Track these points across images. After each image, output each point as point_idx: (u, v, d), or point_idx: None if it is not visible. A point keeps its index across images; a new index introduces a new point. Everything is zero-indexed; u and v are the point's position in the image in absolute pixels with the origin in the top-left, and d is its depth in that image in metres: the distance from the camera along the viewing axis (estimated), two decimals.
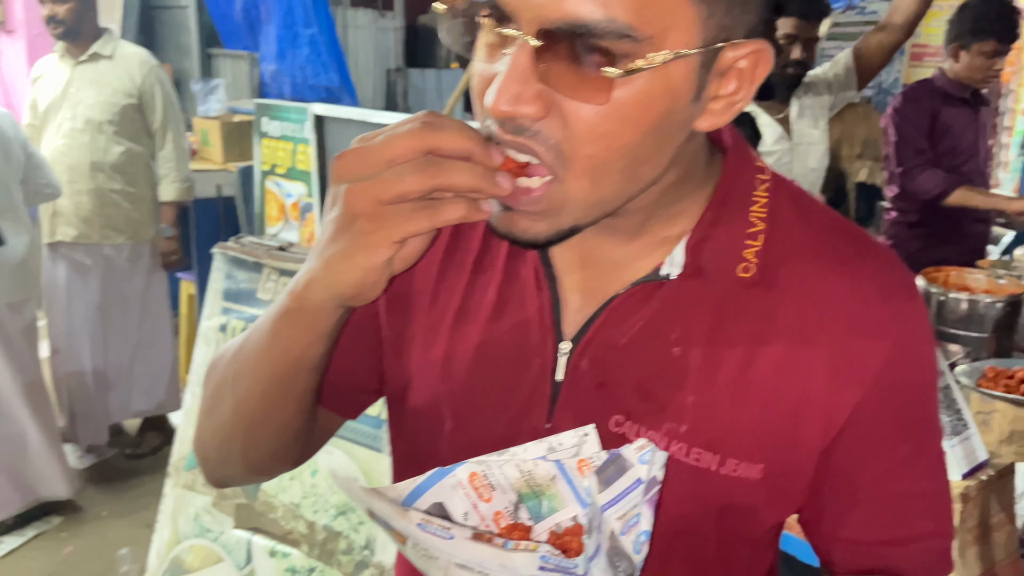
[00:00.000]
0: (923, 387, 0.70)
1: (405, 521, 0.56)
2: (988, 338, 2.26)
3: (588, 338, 0.68)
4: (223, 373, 0.73)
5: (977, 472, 1.40)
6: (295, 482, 1.68)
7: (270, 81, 4.36)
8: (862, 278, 0.66)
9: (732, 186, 0.68)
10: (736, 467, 0.65)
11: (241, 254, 1.88)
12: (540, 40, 0.54)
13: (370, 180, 0.56)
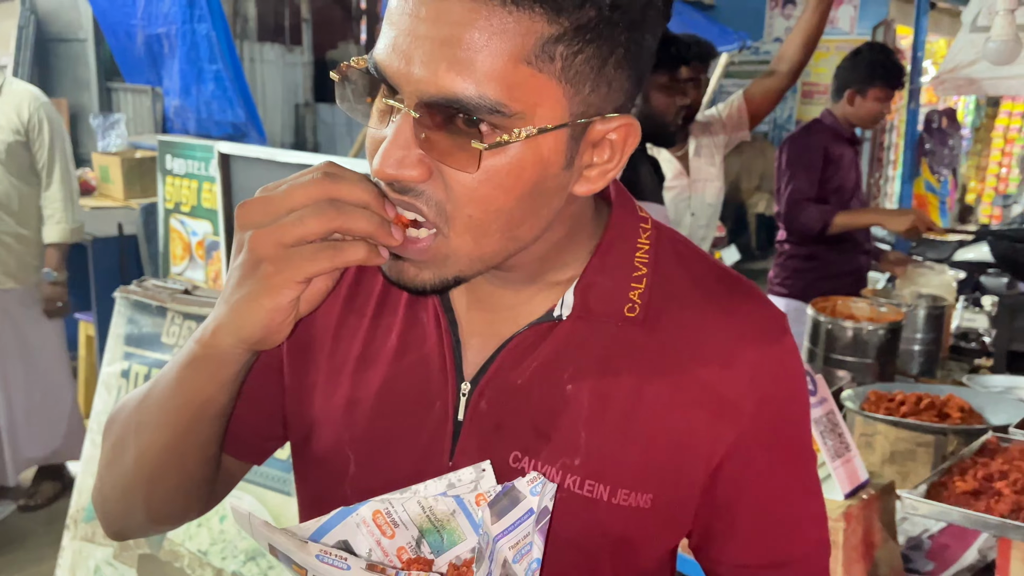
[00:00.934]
0: (796, 419, 0.76)
1: (304, 554, 0.58)
2: (872, 363, 2.40)
3: (487, 379, 0.72)
4: (125, 424, 0.74)
5: (859, 491, 1.49)
6: (203, 529, 1.65)
7: (174, 117, 4.28)
8: (737, 319, 0.72)
9: (617, 235, 0.73)
10: (627, 497, 0.70)
11: (144, 298, 1.84)
12: (419, 112, 0.59)
13: (272, 225, 0.59)
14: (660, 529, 0.73)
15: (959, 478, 1.53)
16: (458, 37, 0.57)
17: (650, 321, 0.71)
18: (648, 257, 0.73)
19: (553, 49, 0.58)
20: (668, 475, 0.71)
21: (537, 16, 0.57)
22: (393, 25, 0.60)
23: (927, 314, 2.59)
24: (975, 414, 1.95)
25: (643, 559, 0.75)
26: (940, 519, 1.48)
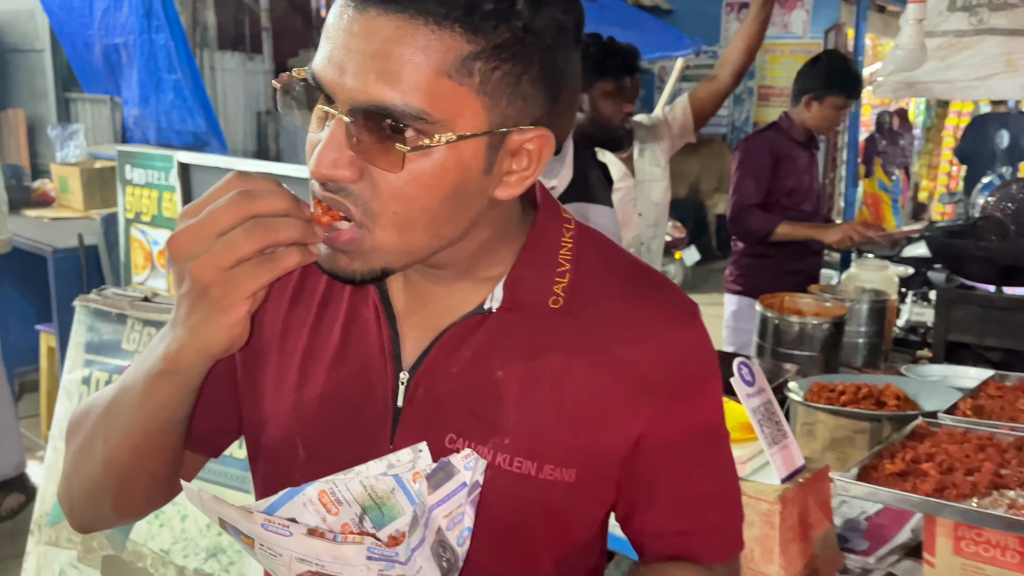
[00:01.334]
0: (706, 399, 0.83)
1: (250, 524, 0.63)
2: (817, 356, 2.50)
3: (423, 368, 0.78)
4: (91, 430, 0.79)
5: (796, 476, 1.57)
6: (164, 529, 1.68)
7: (133, 126, 4.28)
8: (652, 306, 0.80)
9: (542, 235, 0.80)
10: (553, 472, 0.76)
11: (104, 306, 1.88)
12: (351, 117, 0.65)
13: (208, 253, 0.64)
14: (586, 502, 0.80)
15: (888, 461, 1.62)
16: (387, 51, 0.63)
17: (573, 311, 0.78)
18: (571, 254, 0.80)
19: (472, 65, 0.65)
20: (591, 451, 0.78)
21: (457, 35, 0.64)
22: (329, 39, 0.66)
23: (870, 308, 2.70)
24: (910, 402, 2.05)
25: (573, 531, 0.82)
26: (870, 499, 1.56)
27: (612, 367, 0.77)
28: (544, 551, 0.80)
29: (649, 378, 0.78)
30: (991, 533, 1.42)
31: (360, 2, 0.64)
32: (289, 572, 0.65)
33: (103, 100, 5.31)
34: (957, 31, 2.85)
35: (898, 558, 1.66)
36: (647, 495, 0.82)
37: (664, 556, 0.85)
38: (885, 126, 8.53)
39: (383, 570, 0.64)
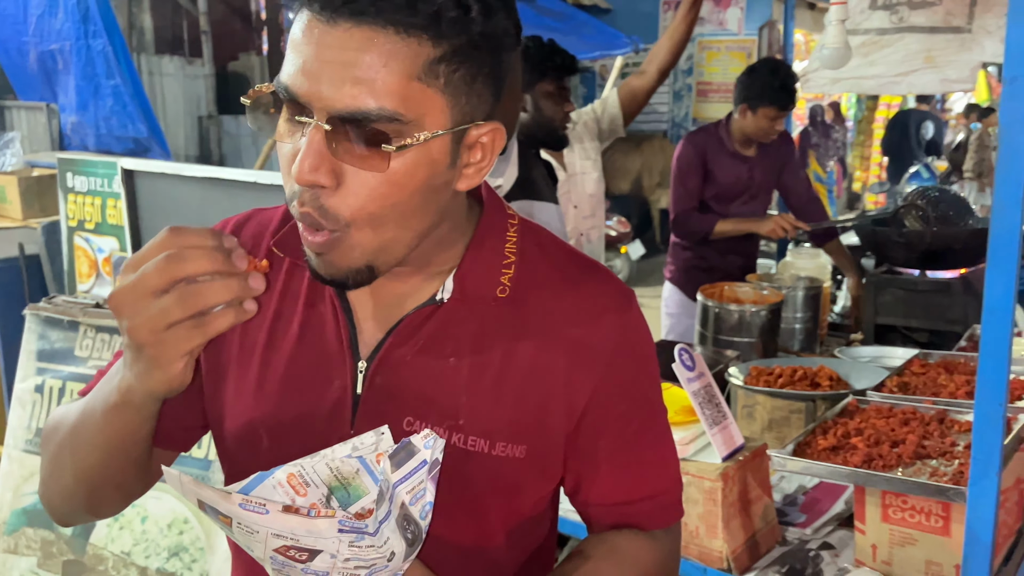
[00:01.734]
0: (643, 376, 0.90)
1: (228, 504, 0.67)
2: (756, 342, 2.60)
3: (380, 357, 0.83)
4: (60, 445, 0.84)
5: (736, 455, 1.66)
6: (125, 531, 1.69)
7: (71, 133, 4.21)
8: (588, 294, 0.86)
9: (488, 230, 0.86)
10: (504, 448, 0.82)
11: (55, 314, 1.88)
12: (330, 125, 0.69)
13: (141, 317, 0.67)
14: (536, 476, 0.86)
15: (822, 437, 1.72)
16: (360, 60, 0.68)
17: (518, 300, 0.84)
18: (515, 247, 0.86)
19: (437, 68, 0.70)
20: (538, 428, 0.84)
21: (424, 41, 0.69)
22: (299, 53, 0.70)
23: (804, 295, 2.82)
24: (842, 381, 2.16)
25: (524, 504, 0.87)
26: (805, 473, 1.66)
27: (554, 349, 0.83)
28: (497, 522, 0.86)
29: (588, 357, 0.84)
30: (916, 500, 1.52)
31: (330, 16, 0.68)
32: (266, 548, 0.69)
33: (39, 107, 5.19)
34: (879, 29, 2.98)
35: (832, 528, 1.76)
36: (591, 467, 0.88)
37: (609, 525, 0.92)
38: (818, 119, 8.79)
39: (353, 542, 0.68)
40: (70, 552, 1.78)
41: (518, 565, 0.90)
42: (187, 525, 1.61)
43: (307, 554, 0.68)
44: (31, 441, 1.92)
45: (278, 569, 0.71)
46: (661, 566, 0.92)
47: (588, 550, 0.90)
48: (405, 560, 0.72)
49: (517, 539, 0.89)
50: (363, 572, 0.70)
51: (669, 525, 0.95)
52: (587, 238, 2.72)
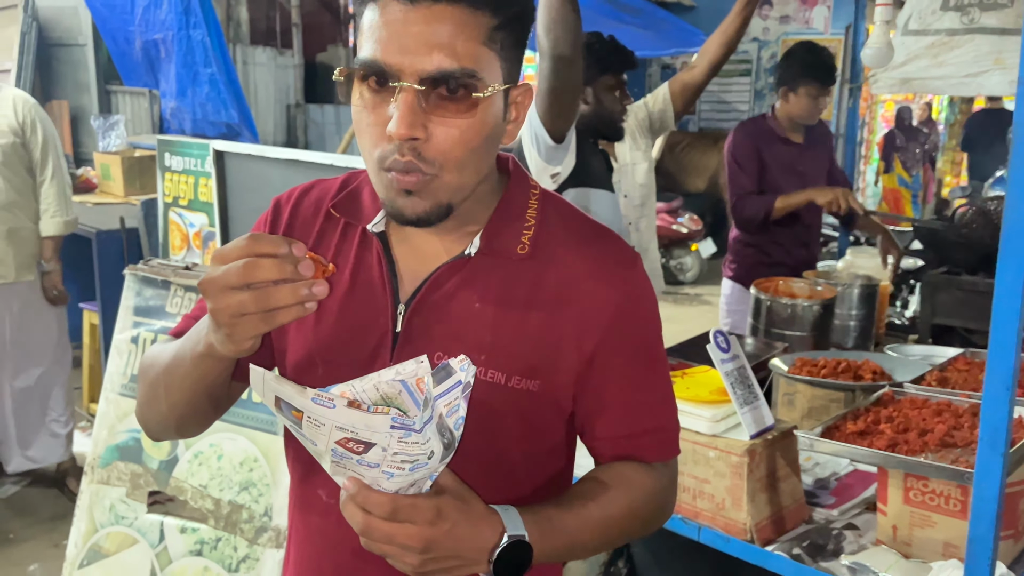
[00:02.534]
0: (646, 328, 1.02)
1: (302, 398, 0.78)
2: (807, 336, 2.64)
3: (417, 301, 0.97)
4: (154, 380, 1.01)
5: (764, 434, 1.74)
6: (203, 467, 1.89)
7: (171, 118, 4.51)
8: (598, 253, 0.99)
9: (512, 196, 1.00)
10: (519, 382, 0.95)
11: (151, 274, 2.09)
12: (422, 85, 0.85)
13: (223, 304, 0.81)
14: (547, 408, 0.98)
15: (851, 422, 1.78)
16: (441, 31, 0.84)
17: (536, 256, 0.97)
18: (536, 212, 1.00)
19: (496, 34, 0.87)
20: (550, 366, 0.96)
21: (487, 13, 0.86)
22: (385, 30, 0.85)
23: (860, 293, 2.84)
24: (886, 375, 2.20)
25: (538, 433, 1.00)
26: (829, 453, 1.72)
27: (567, 300, 0.96)
28: (514, 444, 0.99)
29: (597, 307, 0.96)
30: (936, 483, 1.58)
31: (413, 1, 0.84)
32: (329, 440, 0.80)
33: (142, 93, 5.56)
34: (949, 30, 2.97)
35: (860, 511, 1.82)
36: (598, 404, 1.00)
37: (613, 457, 1.04)
38: (905, 122, 8.58)
39: (402, 438, 0.77)
40: (155, 484, 1.99)
41: (535, 487, 1.02)
42: (256, 463, 1.79)
43: (363, 446, 0.79)
44: (126, 386, 2.14)
45: (337, 461, 0.82)
46: (660, 494, 1.04)
47: (598, 475, 1.02)
48: (441, 461, 0.84)
49: (533, 464, 1.02)
50: (407, 466, 0.81)
51: (667, 459, 1.06)
52: (635, 227, 2.80)
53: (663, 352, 1.05)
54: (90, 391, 4.14)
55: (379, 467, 0.80)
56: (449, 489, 0.85)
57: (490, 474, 0.97)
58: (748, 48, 8.64)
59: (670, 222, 7.51)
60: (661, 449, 1.05)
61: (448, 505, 0.84)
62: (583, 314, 0.96)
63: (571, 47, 1.89)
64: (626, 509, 1.00)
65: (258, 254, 0.81)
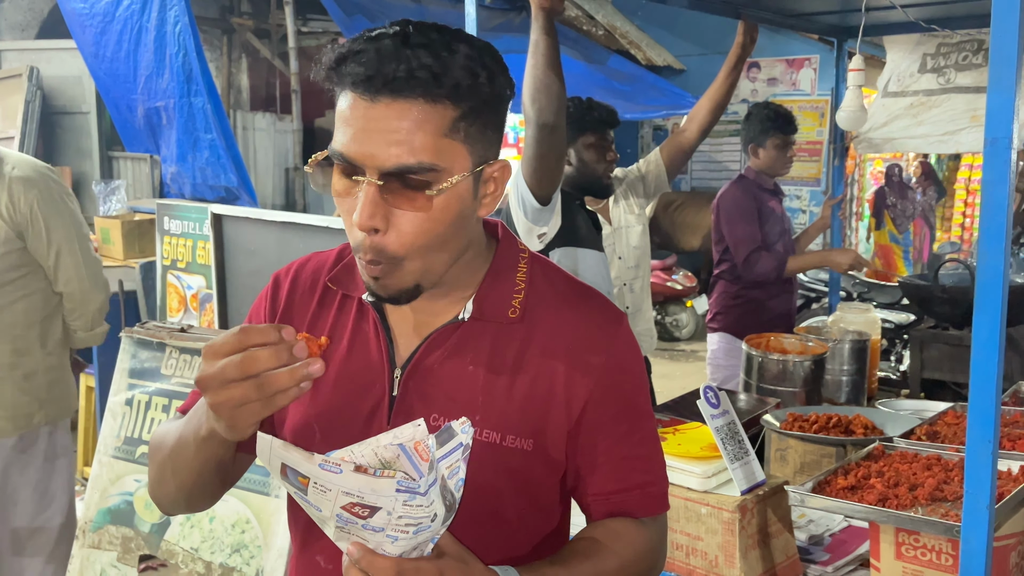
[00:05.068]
0: (632, 385, 1.05)
1: (310, 464, 0.80)
2: (799, 391, 2.66)
3: (412, 365, 1.01)
4: (163, 462, 1.04)
5: (755, 489, 1.74)
6: (195, 529, 1.89)
7: (171, 182, 4.58)
8: (584, 315, 1.03)
9: (502, 261, 1.05)
10: (513, 441, 0.99)
11: (146, 336, 2.11)
12: (381, 180, 0.89)
13: (223, 398, 0.84)
14: (542, 467, 1.01)
15: (842, 477, 1.79)
16: (399, 127, 0.87)
17: (527, 319, 1.01)
18: (525, 276, 1.04)
19: (459, 124, 0.90)
20: (541, 426, 0.99)
21: (447, 106, 0.88)
22: (349, 125, 0.89)
23: (851, 348, 2.86)
24: (877, 430, 2.21)
25: (533, 492, 1.02)
26: (820, 509, 1.73)
27: (555, 360, 1.00)
28: (509, 503, 1.00)
29: (583, 367, 1.00)
30: (928, 538, 1.58)
31: (372, 96, 0.87)
32: (334, 506, 0.80)
33: (143, 158, 5.66)
34: (927, 90, 3.07)
35: (854, 568, 1.82)
36: (589, 461, 1.03)
37: (604, 513, 1.05)
38: (894, 179, 8.71)
39: (407, 501, 0.79)
40: (146, 548, 1.98)
41: (531, 546, 1.04)
42: (248, 525, 1.79)
43: (368, 510, 0.81)
44: (120, 448, 2.14)
45: (341, 526, 0.84)
46: (651, 549, 1.07)
47: (591, 532, 1.04)
48: (443, 524, 0.86)
49: (529, 522, 1.04)
50: (411, 529, 0.83)
51: (656, 514, 1.08)
52: (630, 288, 2.84)
53: (649, 407, 1.08)
54: (85, 455, 4.12)
55: (384, 531, 0.82)
56: (450, 551, 0.87)
57: (487, 534, 0.99)
58: (738, 109, 8.80)
59: (665, 279, 7.57)
60: (650, 504, 1.07)
61: (450, 567, 0.85)
62: (570, 374, 1.00)
63: (555, 115, 1.96)
64: (619, 565, 1.02)
65: (251, 346, 0.83)
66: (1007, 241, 1.26)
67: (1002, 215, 1.26)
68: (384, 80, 0.86)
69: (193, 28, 4.07)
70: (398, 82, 0.86)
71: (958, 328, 2.69)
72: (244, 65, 7.87)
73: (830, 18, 3.26)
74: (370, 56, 0.88)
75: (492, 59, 0.93)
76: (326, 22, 7.81)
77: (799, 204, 8.29)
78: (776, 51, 8.47)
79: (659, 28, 8.90)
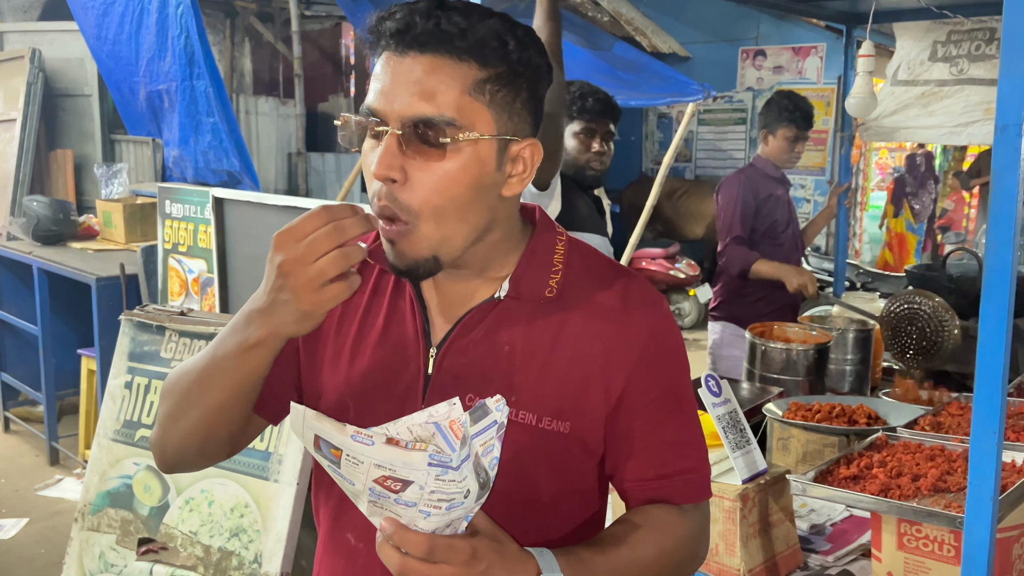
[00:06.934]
0: (672, 366, 1.02)
1: (342, 435, 0.79)
2: (802, 380, 2.65)
3: (448, 345, 0.99)
4: (186, 388, 1.00)
5: (757, 478, 1.73)
6: (194, 513, 1.88)
7: (173, 166, 4.57)
8: (623, 294, 1.01)
9: (539, 243, 1.03)
10: (550, 423, 0.97)
11: (145, 319, 2.10)
12: (401, 130, 0.89)
13: (305, 277, 0.85)
14: (579, 450, 0.99)
15: (844, 467, 1.78)
16: (424, 80, 0.88)
17: (563, 299, 0.99)
18: (563, 258, 1.02)
19: (483, 87, 0.90)
20: (578, 408, 0.97)
21: (472, 64, 0.89)
22: (379, 80, 0.90)
23: (855, 337, 2.85)
24: (880, 420, 2.20)
25: (569, 476, 1.00)
26: (822, 498, 1.72)
27: (593, 341, 0.97)
28: (545, 486, 0.98)
29: (622, 348, 0.98)
30: (930, 529, 1.57)
31: (402, 50, 0.89)
32: (367, 478, 0.79)
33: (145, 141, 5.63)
34: (939, 80, 3.04)
35: (854, 558, 1.81)
36: (627, 446, 1.00)
37: (645, 500, 1.03)
38: (918, 168, 8.65)
39: (439, 476, 0.78)
40: (145, 531, 1.98)
41: (567, 530, 1.02)
42: (247, 509, 1.78)
43: (401, 484, 0.79)
44: (119, 431, 2.14)
45: (374, 500, 0.82)
46: (692, 537, 1.04)
47: (630, 518, 1.02)
48: (476, 501, 0.84)
49: (565, 506, 1.02)
50: (444, 505, 0.81)
51: (698, 501, 1.06)
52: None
53: (691, 392, 1.06)
54: (86, 438, 4.13)
55: (416, 506, 0.81)
56: (484, 530, 0.86)
57: (522, 516, 0.97)
58: (743, 97, 8.78)
59: (668, 268, 7.55)
60: (691, 491, 1.04)
61: (484, 546, 0.84)
62: (608, 355, 0.98)
63: (553, 103, 1.92)
64: (658, 552, 1.00)
65: (335, 220, 0.85)
66: (1016, 230, 1.24)
67: (1011, 204, 1.24)
68: (414, 35, 0.88)
69: (195, 10, 4.05)
70: (426, 35, 0.88)
71: (964, 318, 2.66)
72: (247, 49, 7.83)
73: (839, 4, 3.23)
74: (404, 14, 0.90)
75: (527, 35, 0.93)
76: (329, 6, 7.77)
77: (804, 193, 8.25)
78: (782, 39, 8.42)
79: (665, 15, 8.85)
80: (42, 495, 4.01)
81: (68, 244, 4.66)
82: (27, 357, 4.62)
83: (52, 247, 4.59)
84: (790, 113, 3.18)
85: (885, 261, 8.66)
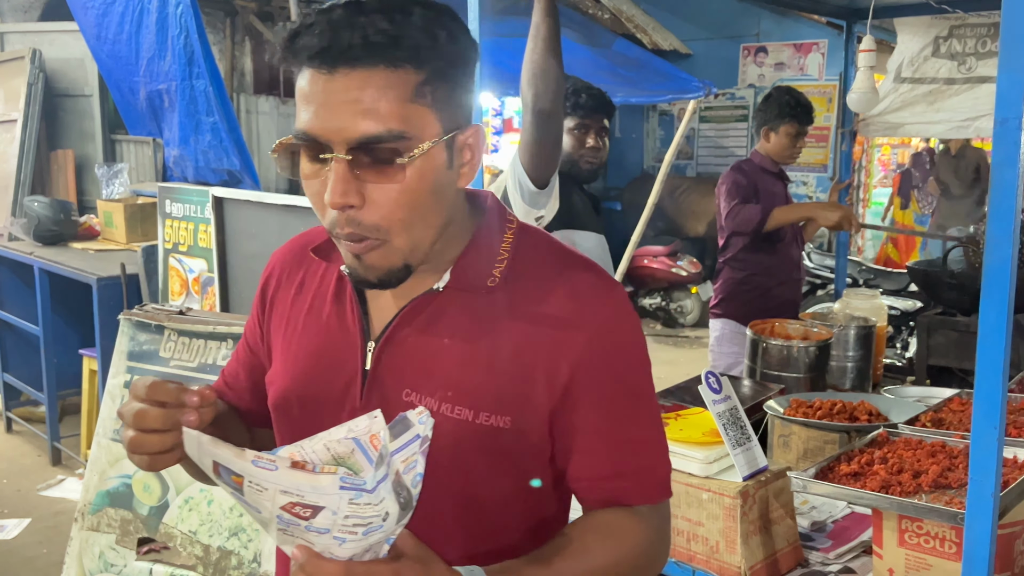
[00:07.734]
0: (625, 360, 0.97)
1: (242, 461, 0.73)
2: (803, 378, 2.64)
3: (386, 338, 0.97)
4: None
5: (757, 475, 1.72)
6: (193, 513, 1.88)
7: (173, 165, 4.56)
8: (573, 281, 0.96)
9: (485, 231, 0.99)
10: (487, 418, 0.92)
11: (144, 319, 2.10)
12: (350, 154, 0.84)
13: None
14: (522, 446, 0.95)
15: (845, 464, 1.77)
16: (362, 96, 0.82)
17: (508, 288, 0.95)
18: (511, 246, 0.99)
19: (424, 89, 0.85)
20: (522, 401, 0.93)
21: (409, 70, 0.84)
22: (311, 102, 0.84)
23: (856, 334, 2.84)
24: (881, 416, 2.19)
25: (514, 475, 0.96)
26: (823, 495, 1.71)
27: (538, 330, 0.93)
28: (489, 487, 0.94)
29: (568, 336, 0.93)
30: (931, 525, 1.56)
31: (330, 68, 0.83)
32: (273, 506, 0.73)
33: (146, 141, 5.63)
34: (947, 79, 3.02)
35: (856, 555, 1.80)
36: (577, 442, 0.95)
37: (598, 501, 0.98)
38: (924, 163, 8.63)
39: (353, 499, 0.71)
40: (144, 531, 1.98)
41: (520, 534, 0.99)
42: None
43: (311, 510, 0.73)
44: (118, 431, 2.14)
45: (284, 528, 0.76)
46: (646, 541, 0.98)
47: (580, 524, 0.98)
48: (397, 523, 0.77)
49: (514, 508, 0.98)
50: (360, 530, 0.74)
51: (656, 502, 1.00)
52: None
53: (649, 387, 1.00)
54: (88, 438, 4.13)
55: (330, 532, 0.74)
56: (408, 552, 0.80)
57: (466, 519, 0.95)
58: (745, 94, 8.76)
59: (669, 265, 7.54)
60: (648, 490, 0.99)
61: (408, 569, 0.79)
62: (554, 346, 0.93)
63: (551, 101, 1.90)
64: (611, 561, 0.95)
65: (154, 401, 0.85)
66: (1016, 225, 1.24)
67: (1011, 198, 1.23)
68: (340, 50, 0.83)
69: (195, 10, 4.03)
70: (355, 50, 0.82)
71: (966, 314, 2.66)
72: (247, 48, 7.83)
73: None
74: (323, 28, 0.84)
75: (451, 19, 0.89)
76: None
77: (805, 190, 8.23)
78: (783, 35, 8.40)
79: (665, 11, 8.83)
80: (44, 495, 4.01)
81: (69, 244, 4.67)
82: (29, 357, 4.63)
83: (53, 247, 4.60)
84: (792, 109, 3.16)
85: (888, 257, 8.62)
